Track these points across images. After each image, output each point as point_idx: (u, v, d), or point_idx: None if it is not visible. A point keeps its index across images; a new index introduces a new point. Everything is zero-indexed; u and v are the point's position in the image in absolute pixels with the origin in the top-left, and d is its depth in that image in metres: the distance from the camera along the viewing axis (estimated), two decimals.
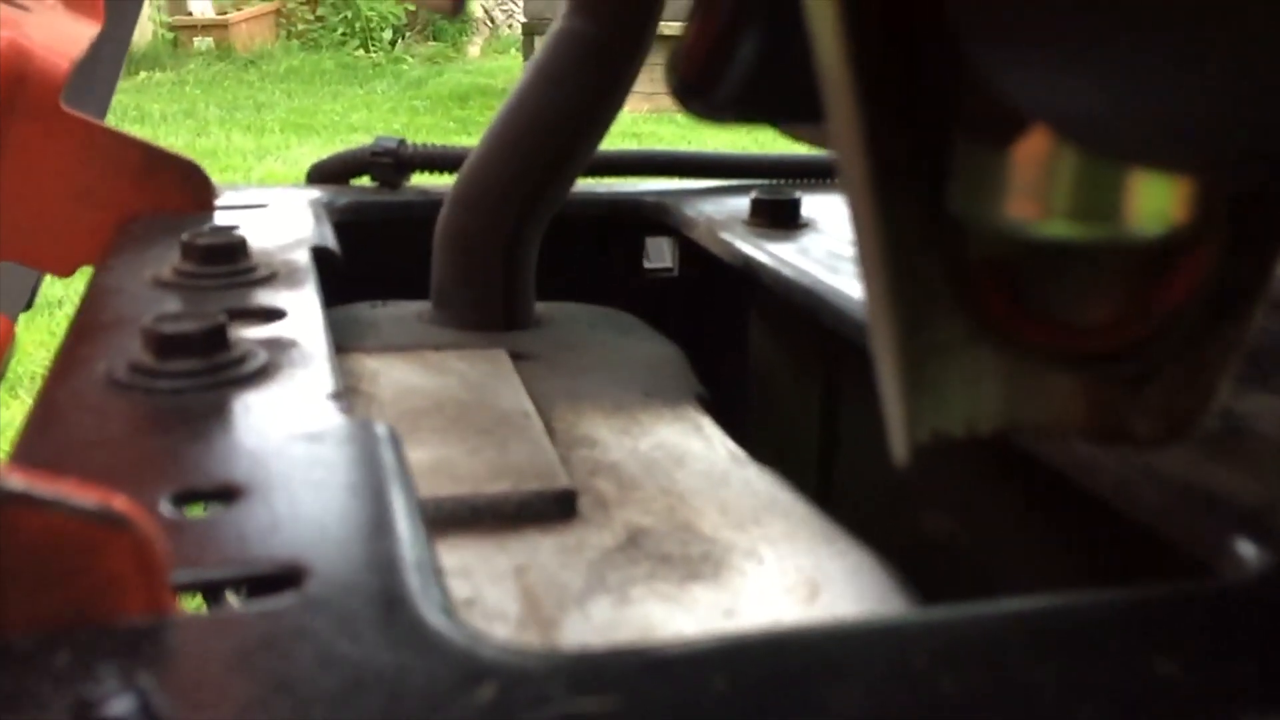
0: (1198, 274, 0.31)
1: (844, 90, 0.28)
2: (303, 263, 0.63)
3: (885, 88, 0.28)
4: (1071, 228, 0.30)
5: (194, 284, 0.57)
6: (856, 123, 0.28)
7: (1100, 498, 0.42)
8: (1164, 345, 0.32)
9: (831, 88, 0.29)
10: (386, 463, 0.39)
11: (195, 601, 0.55)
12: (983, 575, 0.57)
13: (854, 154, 0.29)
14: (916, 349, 0.32)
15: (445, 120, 5.20)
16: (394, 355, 0.65)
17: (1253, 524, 0.36)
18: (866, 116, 0.28)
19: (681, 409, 0.62)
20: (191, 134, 4.76)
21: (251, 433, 0.41)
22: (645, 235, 0.89)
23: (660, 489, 0.52)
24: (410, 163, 0.85)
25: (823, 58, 0.29)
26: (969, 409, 0.33)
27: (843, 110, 0.28)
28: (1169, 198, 0.29)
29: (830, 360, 0.73)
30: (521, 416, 0.57)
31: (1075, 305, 0.33)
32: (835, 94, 0.29)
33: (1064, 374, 0.33)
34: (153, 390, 0.44)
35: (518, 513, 0.48)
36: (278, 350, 0.49)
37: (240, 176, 3.93)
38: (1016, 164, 0.29)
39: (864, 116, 0.28)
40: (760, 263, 0.72)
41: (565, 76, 0.69)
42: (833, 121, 0.29)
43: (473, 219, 0.71)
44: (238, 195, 0.79)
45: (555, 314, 0.75)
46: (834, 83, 0.28)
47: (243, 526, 0.34)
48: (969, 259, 0.32)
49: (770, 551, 0.47)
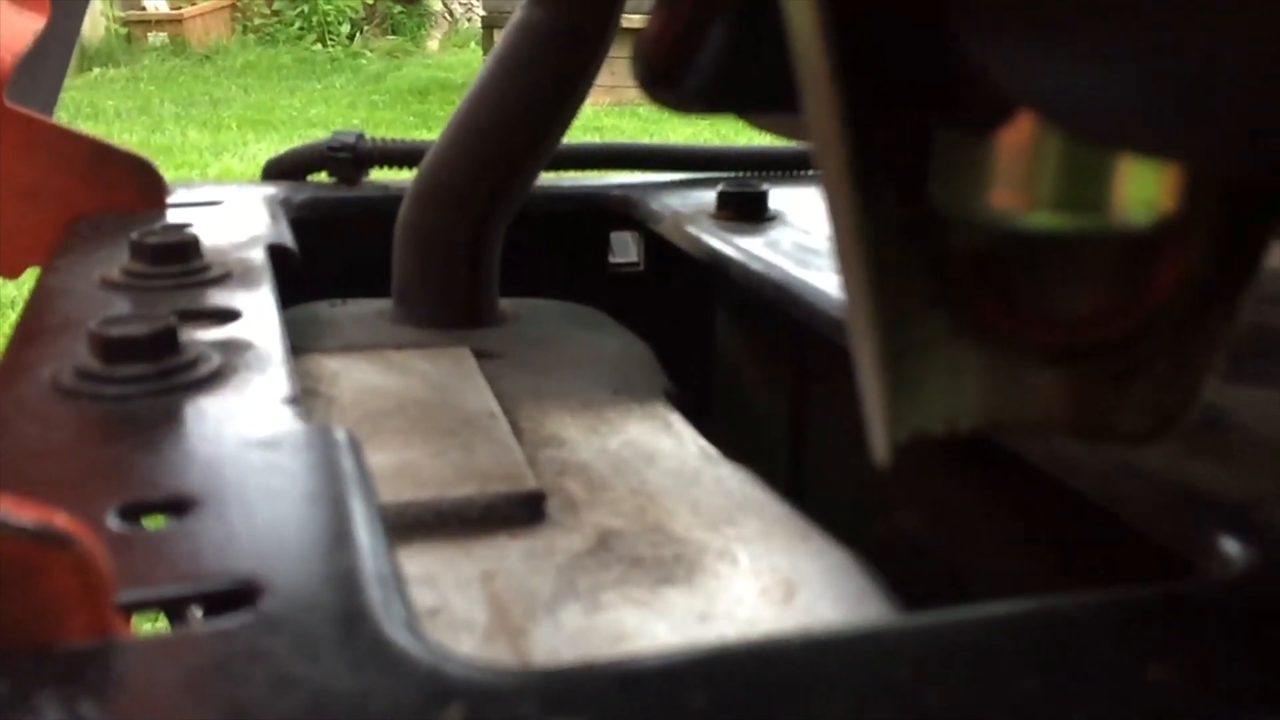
0: (1184, 266, 0.30)
1: (822, 79, 0.26)
2: (258, 261, 0.61)
3: (864, 75, 0.27)
4: (1056, 218, 0.29)
5: (144, 285, 0.55)
6: (834, 112, 0.27)
7: (1080, 494, 0.41)
8: (1149, 339, 0.32)
9: (808, 76, 0.27)
10: (346, 470, 0.38)
11: (160, 621, 0.53)
12: (958, 571, 0.56)
13: (832, 145, 0.28)
14: (896, 345, 0.31)
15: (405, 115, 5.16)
16: (355, 355, 0.63)
17: (1236, 520, 0.36)
18: (845, 106, 0.27)
19: (650, 406, 0.61)
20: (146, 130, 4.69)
21: (204, 440, 0.39)
22: (610, 229, 0.88)
23: (630, 489, 0.51)
24: (369, 158, 0.83)
25: (799, 45, 0.27)
26: (950, 406, 0.32)
27: (820, 99, 0.27)
28: (1156, 186, 0.28)
29: (799, 354, 0.72)
30: (487, 417, 0.55)
31: (1059, 299, 0.32)
32: (812, 83, 0.27)
33: (1047, 369, 0.32)
34: (100, 397, 0.42)
35: (484, 516, 0.47)
36: (232, 353, 0.47)
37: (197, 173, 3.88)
38: (1000, 153, 0.28)
39: (842, 106, 0.27)
40: (728, 256, 0.71)
41: (526, 68, 0.67)
42: (809, 111, 0.28)
43: (434, 215, 0.69)
44: (190, 192, 0.76)
45: (520, 310, 0.74)
46: (811, 71, 0.27)
47: (195, 540, 0.33)
48: (950, 252, 0.31)
49: (744, 552, 0.46)
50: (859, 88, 0.27)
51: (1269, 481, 0.38)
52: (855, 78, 0.27)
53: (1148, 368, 0.32)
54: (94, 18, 6.24)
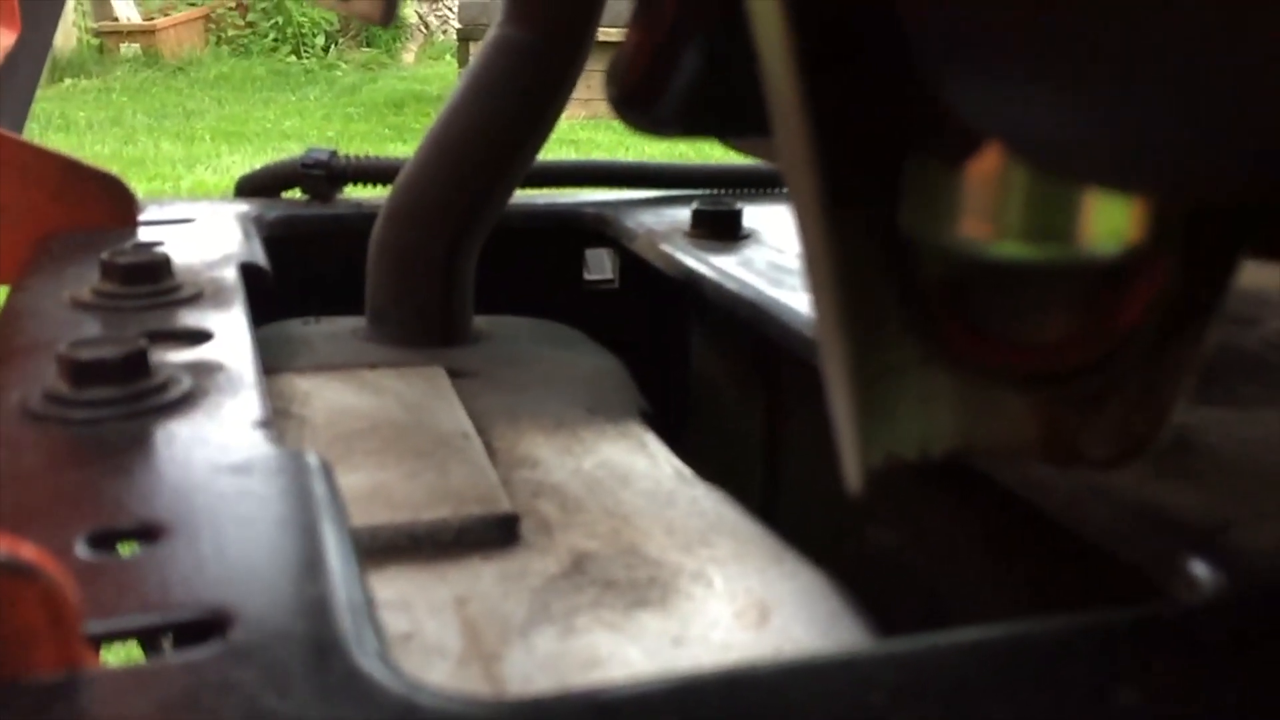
0: (1152, 293, 0.31)
1: (792, 109, 0.27)
2: (230, 280, 0.61)
3: (835, 106, 0.27)
4: (1025, 248, 0.29)
5: (114, 305, 0.55)
6: (806, 143, 0.27)
7: (1050, 515, 0.41)
8: (1119, 364, 0.32)
9: (779, 106, 0.28)
10: (318, 495, 0.37)
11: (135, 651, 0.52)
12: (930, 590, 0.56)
13: (803, 174, 0.28)
14: (868, 371, 0.31)
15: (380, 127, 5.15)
16: (327, 375, 0.63)
17: (1205, 544, 0.36)
18: (816, 137, 0.27)
19: (625, 425, 0.61)
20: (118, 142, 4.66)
21: (174, 465, 0.39)
22: (585, 247, 0.88)
23: (604, 510, 0.51)
24: (343, 175, 0.83)
25: (770, 76, 0.28)
26: (922, 431, 0.33)
27: (791, 130, 0.27)
28: (1123, 217, 0.28)
29: (774, 373, 0.72)
30: (460, 438, 0.55)
31: (1029, 325, 0.32)
32: (783, 113, 0.27)
33: (1017, 394, 0.33)
34: (69, 421, 0.42)
35: (458, 539, 0.47)
36: (203, 375, 0.47)
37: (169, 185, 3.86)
38: (968, 184, 0.28)
39: (813, 137, 0.27)
40: (702, 275, 0.71)
41: (501, 86, 0.67)
42: (780, 140, 0.28)
43: (409, 232, 0.69)
44: (162, 209, 0.76)
45: (494, 328, 0.74)
46: (782, 101, 0.27)
47: (165, 568, 0.32)
48: (920, 279, 0.31)
49: (718, 574, 0.46)
50: (829, 119, 0.27)
51: (1237, 504, 0.38)
52: (825, 109, 0.27)
53: (1117, 393, 0.32)
54: (65, 28, 6.20)
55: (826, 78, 0.27)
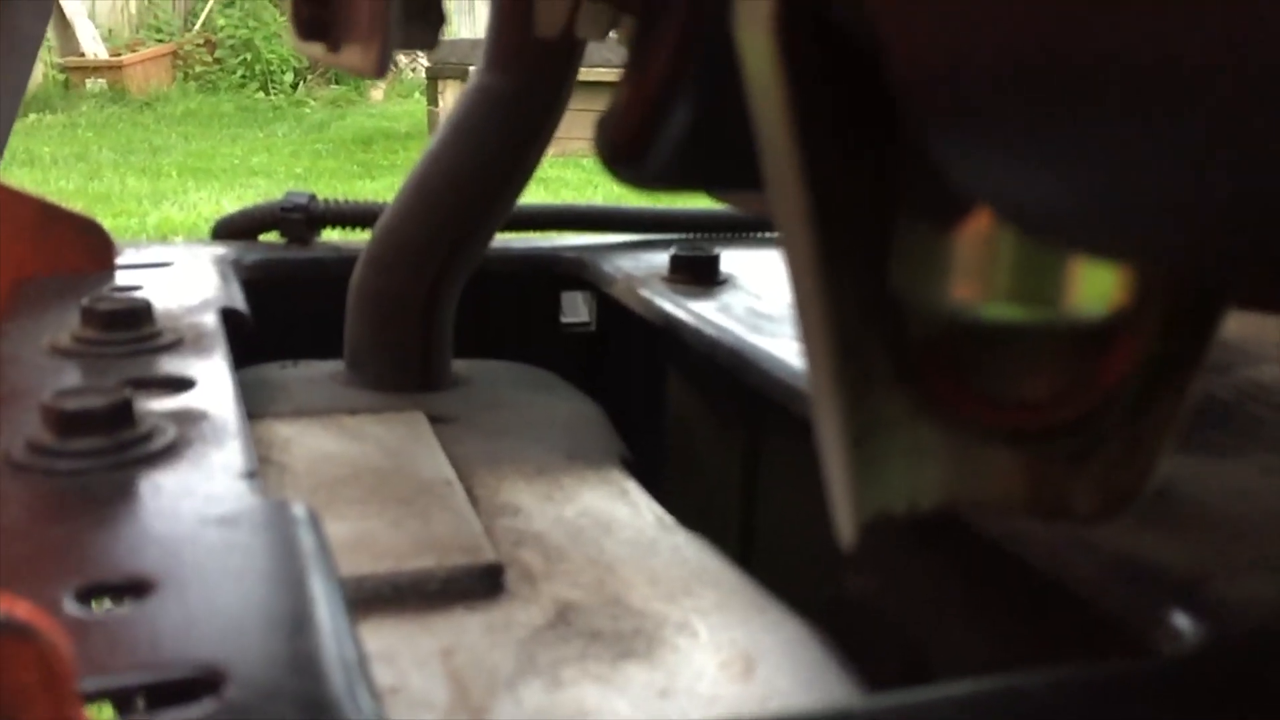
0: (1136, 351, 0.31)
1: (790, 175, 0.27)
2: (211, 326, 0.60)
3: (831, 170, 0.28)
4: (1013, 310, 0.29)
5: (95, 352, 0.55)
6: (803, 205, 0.28)
7: (1032, 565, 0.42)
8: (1102, 421, 0.32)
9: (775, 170, 0.28)
10: (306, 548, 0.37)
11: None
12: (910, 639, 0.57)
13: (800, 235, 0.28)
14: (859, 427, 0.32)
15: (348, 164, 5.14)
16: (307, 420, 0.63)
17: (1186, 595, 0.36)
18: (813, 199, 0.27)
19: (606, 472, 0.61)
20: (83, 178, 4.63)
21: (161, 517, 0.39)
22: (562, 290, 0.88)
23: (588, 559, 0.51)
24: (322, 218, 0.83)
25: (766, 139, 0.28)
26: (911, 486, 0.33)
27: (788, 193, 0.28)
28: (1109, 280, 0.29)
29: (752, 419, 0.72)
30: (443, 485, 0.55)
31: (1016, 382, 0.33)
32: (779, 177, 0.28)
33: (1004, 450, 0.33)
34: (53, 471, 0.41)
35: (443, 589, 0.47)
36: (187, 424, 0.47)
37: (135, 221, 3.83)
38: (959, 247, 0.29)
39: (810, 199, 0.27)
40: (681, 320, 0.71)
41: (482, 133, 0.68)
42: (776, 202, 0.29)
43: (390, 277, 0.69)
44: (139, 253, 0.76)
45: (473, 373, 0.74)
46: (778, 166, 0.28)
47: (155, 624, 0.32)
48: (910, 336, 0.32)
49: (702, 624, 0.46)
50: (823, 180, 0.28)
51: (1216, 555, 0.39)
52: (820, 171, 0.28)
53: (1102, 449, 0.33)
54: None
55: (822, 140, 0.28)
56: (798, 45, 0.27)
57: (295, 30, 0.46)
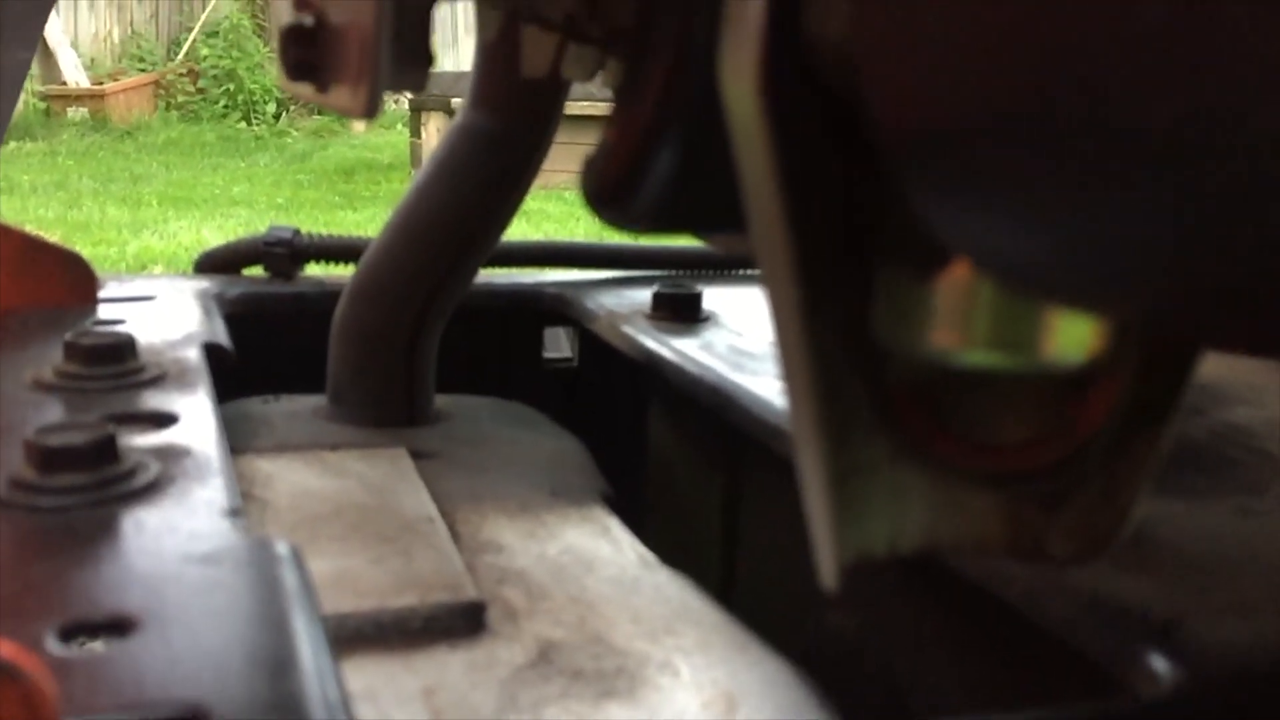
0: (1112, 397, 0.32)
1: (775, 225, 0.28)
2: (194, 361, 0.60)
3: (814, 218, 0.28)
4: (992, 357, 0.30)
5: (78, 386, 0.55)
6: (787, 252, 0.28)
7: (1010, 606, 0.42)
8: (1080, 465, 0.33)
9: (760, 221, 0.29)
10: (289, 586, 0.37)
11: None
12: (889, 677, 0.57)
13: (783, 282, 0.29)
14: (840, 469, 0.32)
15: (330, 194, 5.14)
16: (289, 456, 0.63)
17: (1162, 637, 0.37)
18: (798, 246, 0.28)
19: (588, 509, 0.61)
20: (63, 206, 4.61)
21: (144, 556, 0.39)
22: (545, 326, 0.89)
23: (570, 598, 0.51)
24: (305, 253, 0.83)
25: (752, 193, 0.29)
26: (892, 528, 0.33)
27: (773, 241, 0.28)
28: (1086, 330, 0.30)
29: (733, 456, 0.73)
30: (425, 522, 0.55)
31: (994, 426, 0.33)
32: (764, 227, 0.29)
33: (983, 493, 0.34)
34: (36, 508, 0.41)
35: (425, 627, 0.47)
36: (170, 460, 0.47)
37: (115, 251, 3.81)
38: (938, 295, 0.30)
39: (795, 247, 0.28)
40: (663, 357, 0.72)
41: (467, 171, 0.68)
42: (761, 249, 0.29)
43: (374, 313, 0.69)
44: (122, 286, 0.76)
45: (455, 408, 0.74)
46: (763, 216, 0.28)
47: (137, 663, 0.32)
48: (891, 381, 0.32)
49: (685, 663, 0.46)
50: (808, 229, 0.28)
51: (1192, 597, 0.39)
52: (805, 224, 0.28)
53: (1079, 492, 0.33)
54: None
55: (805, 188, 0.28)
56: (782, 96, 0.28)
57: (283, 71, 0.46)
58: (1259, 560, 0.43)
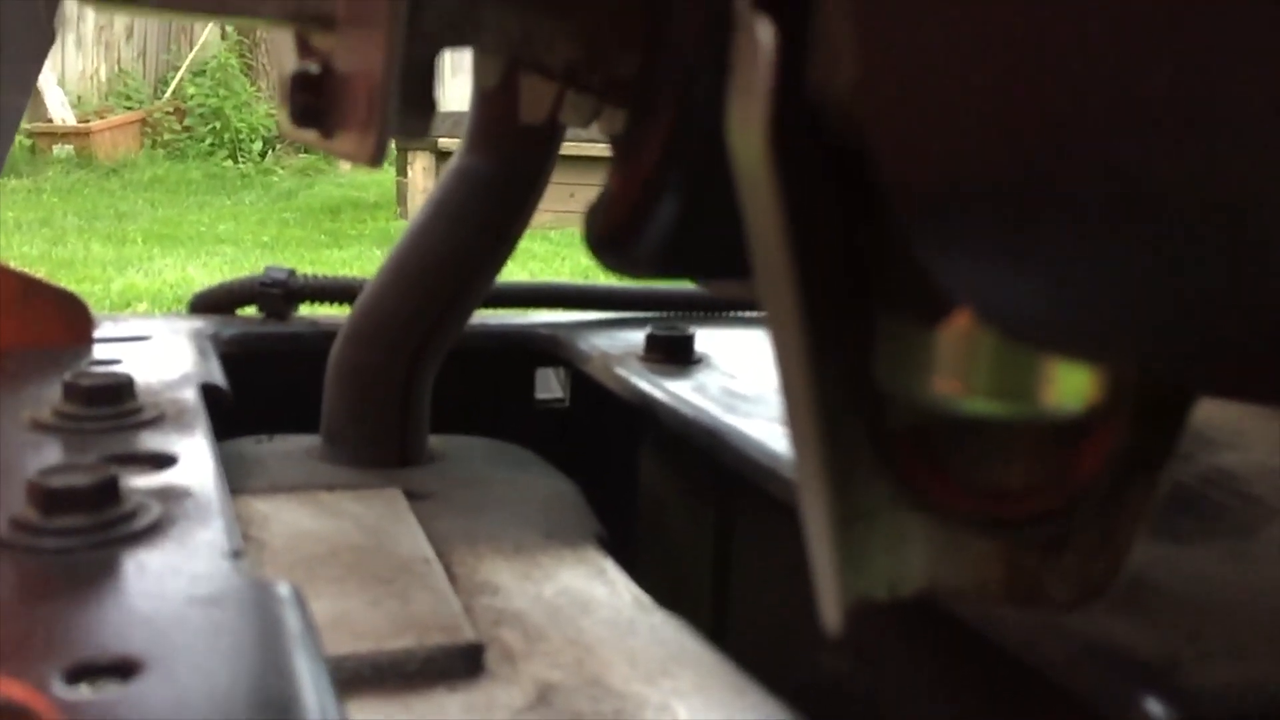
0: (1109, 445, 0.33)
1: (781, 272, 0.28)
2: (191, 401, 0.61)
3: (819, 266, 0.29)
4: (991, 405, 0.31)
5: (76, 427, 0.55)
6: (793, 300, 0.29)
7: (1004, 647, 0.42)
8: (1077, 512, 0.34)
9: (766, 266, 0.29)
10: (292, 629, 0.37)
11: None
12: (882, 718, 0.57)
13: (789, 329, 0.29)
14: (843, 513, 0.33)
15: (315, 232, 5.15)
16: (284, 497, 0.63)
17: (1157, 682, 0.37)
18: (803, 294, 0.29)
19: (583, 550, 0.61)
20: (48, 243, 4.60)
21: (147, 597, 0.39)
22: (537, 367, 0.89)
23: (567, 640, 0.51)
24: (300, 294, 0.83)
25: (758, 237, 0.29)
26: (892, 572, 0.34)
27: (778, 289, 0.29)
28: (1085, 379, 0.30)
29: (725, 498, 0.73)
30: (422, 563, 0.55)
31: (992, 472, 0.34)
32: (770, 273, 0.29)
33: (983, 538, 0.34)
34: (38, 550, 0.41)
35: (422, 669, 0.47)
36: (170, 501, 0.47)
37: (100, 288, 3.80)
38: (940, 343, 0.30)
39: (801, 295, 0.28)
40: (656, 399, 0.72)
41: (463, 214, 0.69)
42: (766, 297, 0.30)
43: (369, 354, 0.70)
44: (117, 326, 0.76)
45: (449, 449, 0.74)
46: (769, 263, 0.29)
47: (145, 706, 0.32)
48: (891, 426, 0.33)
49: (682, 706, 0.46)
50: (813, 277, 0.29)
51: (1185, 641, 0.40)
52: (811, 271, 0.29)
53: (1077, 538, 0.34)
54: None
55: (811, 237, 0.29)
56: (790, 149, 0.28)
57: (289, 117, 0.47)
58: (1251, 604, 0.43)
